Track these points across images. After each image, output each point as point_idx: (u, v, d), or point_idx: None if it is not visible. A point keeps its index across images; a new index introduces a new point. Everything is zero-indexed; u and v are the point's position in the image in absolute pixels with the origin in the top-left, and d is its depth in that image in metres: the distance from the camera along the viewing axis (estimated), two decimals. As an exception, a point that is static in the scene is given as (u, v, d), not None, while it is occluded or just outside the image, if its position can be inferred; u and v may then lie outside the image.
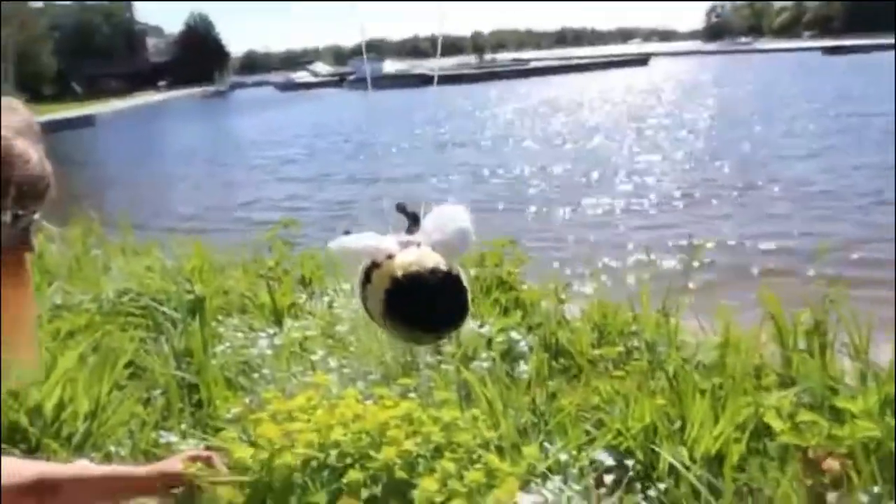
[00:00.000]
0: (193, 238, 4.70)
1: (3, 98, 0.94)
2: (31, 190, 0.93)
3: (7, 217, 0.91)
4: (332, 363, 2.51)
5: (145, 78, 57.00)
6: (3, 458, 1.46)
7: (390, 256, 0.70)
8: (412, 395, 2.24)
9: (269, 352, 2.58)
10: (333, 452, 1.75)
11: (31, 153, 0.92)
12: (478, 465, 1.87)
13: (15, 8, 39.99)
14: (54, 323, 3.03)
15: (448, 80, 46.33)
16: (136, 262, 4.13)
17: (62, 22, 52.72)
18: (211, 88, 56.62)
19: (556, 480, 1.89)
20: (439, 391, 2.25)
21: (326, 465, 1.71)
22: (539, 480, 1.94)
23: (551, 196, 11.67)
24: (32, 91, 41.00)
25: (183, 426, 2.35)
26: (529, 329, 3.14)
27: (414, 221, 0.90)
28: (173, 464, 1.40)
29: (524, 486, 1.86)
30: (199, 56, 62.84)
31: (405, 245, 0.73)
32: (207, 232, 5.53)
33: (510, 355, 2.76)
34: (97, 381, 2.38)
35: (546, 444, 2.13)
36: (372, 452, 1.77)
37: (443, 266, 0.69)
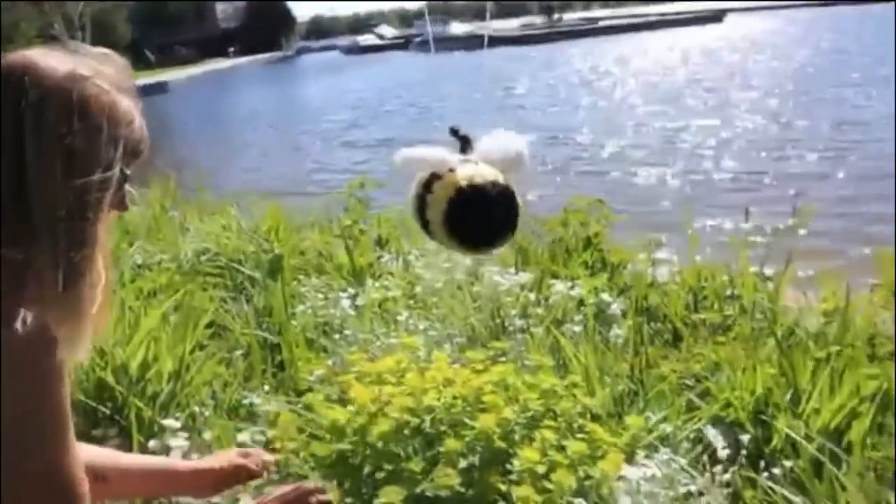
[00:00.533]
0: (266, 199, 4.67)
1: (107, 53, 0.93)
2: (133, 150, 0.92)
3: (115, 173, 0.87)
4: (417, 325, 2.41)
5: (215, 45, 57.84)
6: None
7: (452, 170, 0.73)
8: (502, 359, 2.12)
9: (351, 313, 2.50)
10: (427, 418, 1.65)
11: (134, 113, 0.91)
12: (579, 435, 1.75)
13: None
14: (136, 282, 3.02)
15: (515, 41, 45.44)
16: (213, 223, 4.11)
17: (134, -9, 53.83)
18: (278, 54, 57.11)
19: (665, 452, 1.75)
20: (533, 355, 2.13)
21: (420, 430, 1.62)
22: (644, 452, 1.80)
23: (629, 158, 11.27)
24: (107, 60, 41.96)
25: (265, 387, 2.29)
26: (620, 292, 2.98)
27: (466, 143, 0.93)
28: (223, 459, 1.32)
29: (628, 458, 1.73)
30: (266, 22, 63.40)
31: (465, 161, 0.76)
32: (278, 195, 5.48)
33: (601, 318, 2.62)
34: (180, 340, 2.34)
35: (647, 414, 1.98)
36: (467, 419, 1.67)
37: (501, 180, 0.72)
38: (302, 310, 2.63)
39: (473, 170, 0.75)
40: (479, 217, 0.73)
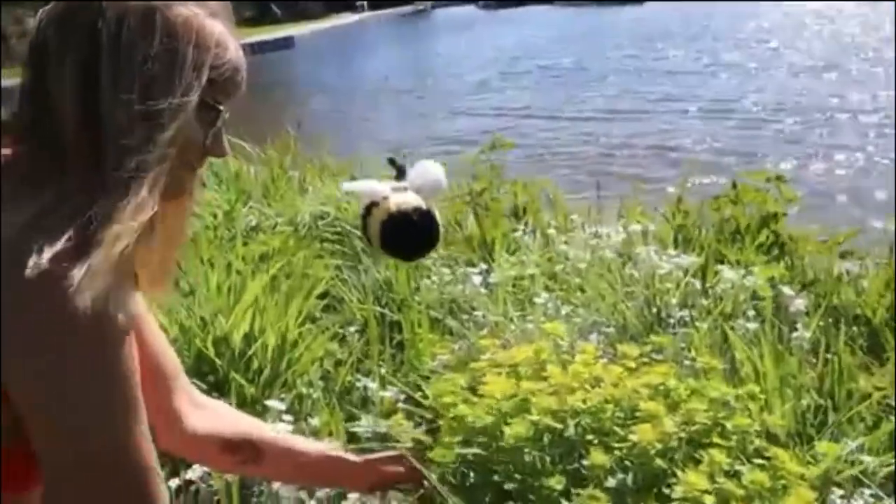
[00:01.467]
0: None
1: None
2: (225, 82, 0.90)
3: (192, 98, 0.85)
4: (558, 309, 2.25)
5: (343, -2, 59.12)
6: (219, 403, 1.40)
7: (385, 198, 0.92)
8: (658, 356, 1.93)
9: (482, 291, 2.37)
10: (571, 423, 1.50)
11: (228, 40, 0.91)
12: (757, 461, 1.55)
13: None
14: (248, 245, 3.02)
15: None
16: (334, 185, 4.09)
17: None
18: (410, 8, 57.63)
19: (866, 493, 1.52)
20: (698, 356, 1.92)
21: (564, 438, 1.46)
22: (838, 489, 1.57)
23: (802, 136, 10.51)
24: (234, 14, 43.74)
25: (382, 370, 2.21)
26: (802, 286, 2.70)
27: (400, 172, 1.18)
28: (391, 463, 1.34)
29: (820, 495, 1.51)
30: (398, -27, 64.13)
31: (396, 189, 0.96)
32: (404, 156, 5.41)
33: (780, 315, 2.36)
34: (288, 311, 2.29)
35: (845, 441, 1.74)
36: (618, 429, 1.50)
37: (423, 206, 0.95)
38: (427, 285, 2.53)
39: (401, 197, 0.97)
40: (404, 236, 0.96)
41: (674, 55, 20.38)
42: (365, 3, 55.90)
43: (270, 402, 1.88)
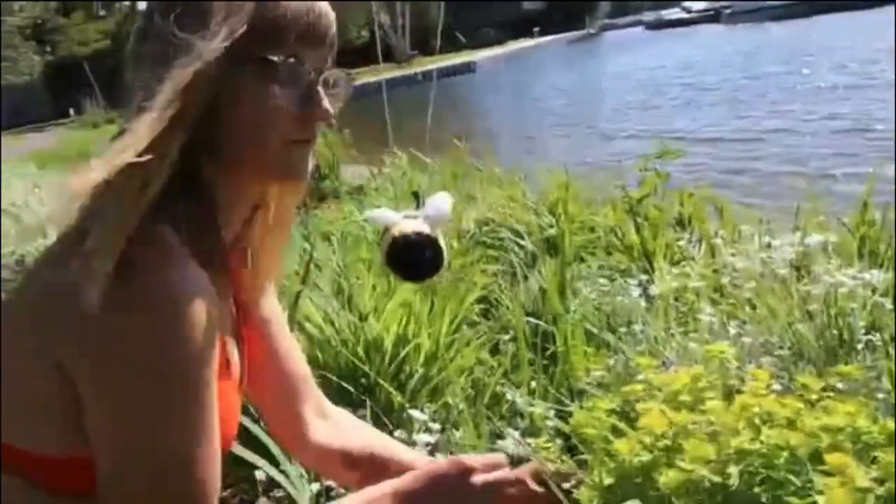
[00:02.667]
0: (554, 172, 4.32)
1: None
2: (306, 35, 0.81)
3: (215, 44, 0.76)
4: (724, 326, 1.90)
5: (521, 25, 59.18)
6: (346, 414, 1.25)
7: (395, 223, 0.90)
8: (840, 385, 1.55)
9: (641, 303, 2.05)
10: (735, 471, 1.18)
11: None
12: None
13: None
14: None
15: (843, 7, 39.65)
16: (500, 193, 3.88)
17: (449, -23, 56.81)
18: (582, 32, 56.76)
19: None
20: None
21: (725, 489, 1.15)
22: None
23: None
24: (423, 44, 44.98)
25: (532, 383, 1.95)
26: None
27: (419, 200, 1.15)
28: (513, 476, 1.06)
29: None
30: (570, 1, 63.31)
31: (407, 217, 0.93)
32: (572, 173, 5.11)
33: None
34: (441, 315, 2.09)
35: None
36: (796, 483, 1.16)
37: (424, 231, 0.92)
38: (584, 295, 2.24)
39: (407, 224, 0.92)
40: (404, 258, 0.91)
41: (847, 71, 18.36)
42: (538, 29, 55.67)
43: (414, 413, 1.68)
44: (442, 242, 1.00)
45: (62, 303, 0.69)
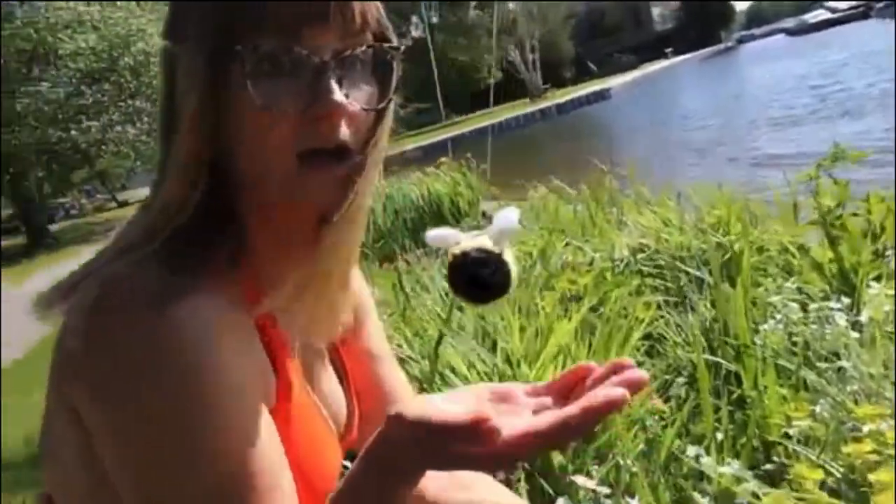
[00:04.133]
0: (710, 189, 3.89)
1: None
2: (295, 9, 0.61)
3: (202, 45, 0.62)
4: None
5: (652, 48, 57.68)
6: (488, 480, 0.96)
7: (458, 242, 0.73)
8: None
9: (851, 333, 1.66)
10: None
11: None
12: None
13: (542, 7, 44.03)
14: (560, 283, 2.57)
15: None
16: (652, 217, 3.52)
17: (575, 10, 56.53)
18: (717, 48, 54.47)
19: None
20: None
21: None
22: None
23: None
24: (554, 77, 44.81)
25: (718, 436, 1.61)
26: None
27: (487, 218, 0.95)
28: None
29: None
30: (703, 18, 61.04)
31: (472, 236, 0.75)
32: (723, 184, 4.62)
33: None
34: (604, 355, 1.79)
35: None
36: None
37: (488, 247, 0.72)
38: (770, 326, 1.87)
39: (468, 242, 0.74)
40: (465, 279, 0.70)
41: None
42: (671, 49, 54.04)
43: (579, 479, 1.39)
44: (509, 258, 0.76)
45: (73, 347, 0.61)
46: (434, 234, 0.71)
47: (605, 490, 1.52)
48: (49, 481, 0.69)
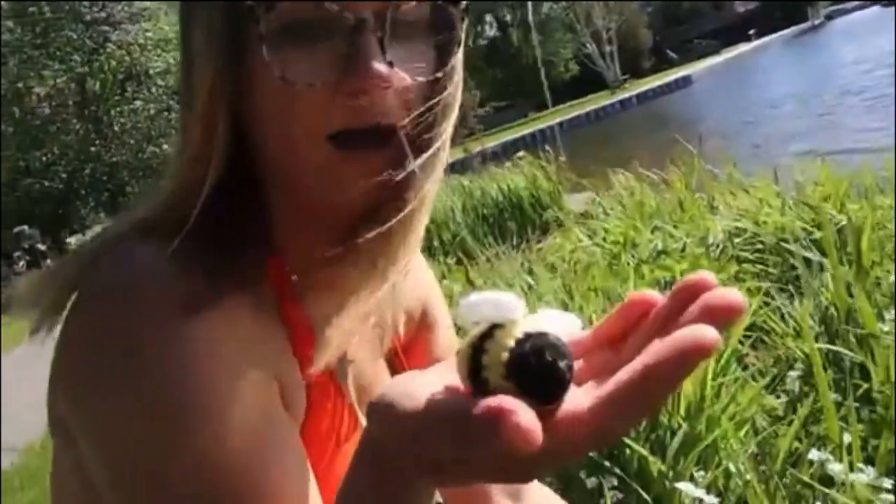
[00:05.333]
0: (811, 164, 3.58)
1: None
2: None
3: None
4: None
5: (734, 32, 55.56)
6: (547, 493, 0.80)
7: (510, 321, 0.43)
8: None
9: None
10: None
11: None
12: None
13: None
14: (654, 272, 2.38)
15: None
16: (747, 199, 3.26)
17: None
18: (803, 26, 51.90)
19: None
20: None
21: None
22: None
23: None
24: (632, 67, 43.68)
25: (845, 437, 1.39)
26: None
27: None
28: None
29: None
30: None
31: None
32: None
33: None
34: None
35: None
36: None
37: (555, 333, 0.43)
38: (898, 311, 1.62)
39: (530, 324, 0.42)
40: (536, 371, 0.38)
41: None
42: (754, 31, 51.94)
43: (683, 486, 1.22)
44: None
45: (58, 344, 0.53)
46: (475, 300, 0.41)
47: (714, 500, 1.33)
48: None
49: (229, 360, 0.49)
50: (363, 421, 0.62)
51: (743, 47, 48.66)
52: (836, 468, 1.20)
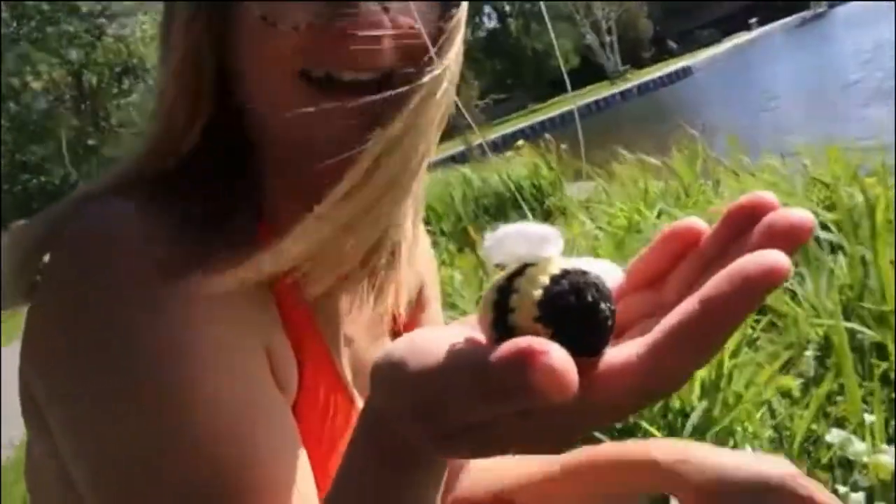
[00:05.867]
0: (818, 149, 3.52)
1: None
2: None
3: None
4: None
5: (736, 20, 55.43)
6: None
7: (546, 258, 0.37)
8: None
9: None
10: None
11: None
12: None
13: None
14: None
15: None
16: (753, 181, 3.21)
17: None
18: (806, 14, 51.72)
19: None
20: None
21: None
22: None
23: None
24: (633, 58, 43.55)
25: (868, 417, 1.34)
26: None
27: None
28: None
29: None
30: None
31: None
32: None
33: None
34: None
35: None
36: None
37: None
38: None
39: (570, 262, 0.35)
40: (575, 312, 0.30)
41: None
42: (756, 20, 51.79)
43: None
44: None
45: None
46: (504, 234, 0.33)
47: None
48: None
49: (219, 330, 0.45)
50: (359, 403, 0.58)
51: (742, 37, 48.53)
52: (859, 448, 1.16)
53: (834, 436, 1.28)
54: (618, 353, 0.27)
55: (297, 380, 0.52)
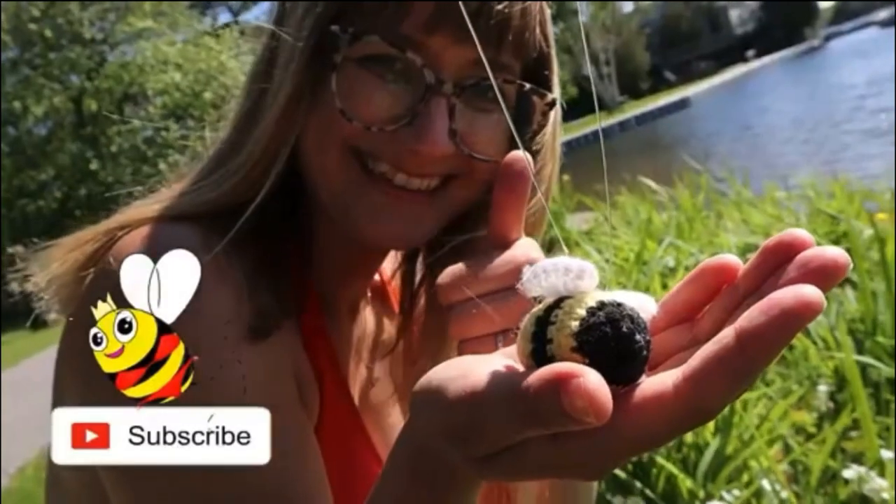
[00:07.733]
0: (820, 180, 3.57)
1: None
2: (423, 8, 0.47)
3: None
4: None
5: (732, 52, 56.08)
6: None
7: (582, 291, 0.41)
8: None
9: None
10: None
11: None
12: None
13: (617, 21, 43.54)
14: (668, 288, 2.34)
15: None
16: (757, 214, 3.24)
17: (650, 19, 55.71)
18: (801, 47, 52.39)
19: None
20: None
21: None
22: None
23: None
24: (630, 89, 43.95)
25: (883, 454, 1.35)
26: None
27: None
28: None
29: None
30: (785, 17, 58.87)
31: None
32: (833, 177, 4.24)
33: None
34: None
35: None
36: None
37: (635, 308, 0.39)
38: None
39: (607, 294, 0.37)
40: (614, 343, 0.32)
41: None
42: (752, 52, 52.38)
43: (720, 507, 1.17)
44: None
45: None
46: (540, 270, 0.35)
47: (746, 521, 1.29)
48: None
49: (270, 352, 0.47)
50: (366, 425, 0.59)
51: (739, 68, 49.07)
52: (880, 484, 1.16)
53: (853, 472, 1.28)
54: (653, 383, 0.28)
55: (318, 403, 0.54)
